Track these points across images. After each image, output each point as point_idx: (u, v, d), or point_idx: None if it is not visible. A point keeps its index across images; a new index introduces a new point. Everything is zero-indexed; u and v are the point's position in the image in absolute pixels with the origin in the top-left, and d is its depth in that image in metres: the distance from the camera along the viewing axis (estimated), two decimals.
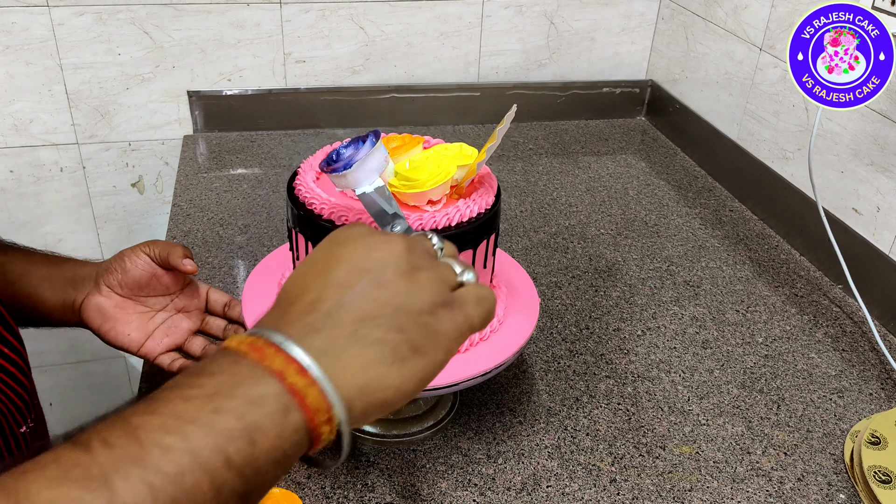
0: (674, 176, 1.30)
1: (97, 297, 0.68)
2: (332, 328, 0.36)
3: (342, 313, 0.36)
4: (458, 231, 0.61)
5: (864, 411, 0.80)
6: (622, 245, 1.08)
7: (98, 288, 0.68)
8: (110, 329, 0.68)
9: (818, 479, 0.71)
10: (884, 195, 0.95)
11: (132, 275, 0.68)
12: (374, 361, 0.36)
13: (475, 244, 0.64)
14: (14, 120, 1.24)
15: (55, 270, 0.69)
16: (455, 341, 0.40)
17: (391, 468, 0.70)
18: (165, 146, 1.34)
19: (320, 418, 0.34)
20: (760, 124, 1.18)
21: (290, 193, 0.65)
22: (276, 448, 0.33)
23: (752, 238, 1.12)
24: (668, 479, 0.70)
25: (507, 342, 0.68)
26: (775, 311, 0.95)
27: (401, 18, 1.34)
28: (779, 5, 1.11)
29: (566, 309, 0.93)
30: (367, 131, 0.57)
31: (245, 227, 1.07)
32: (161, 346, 0.69)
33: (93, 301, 0.68)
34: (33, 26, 1.18)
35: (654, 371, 0.84)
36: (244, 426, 0.32)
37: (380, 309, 0.37)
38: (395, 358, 0.36)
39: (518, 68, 1.45)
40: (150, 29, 1.24)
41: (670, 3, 1.41)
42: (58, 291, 0.68)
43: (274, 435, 0.33)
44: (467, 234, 0.62)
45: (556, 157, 1.34)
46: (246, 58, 1.31)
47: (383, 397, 0.36)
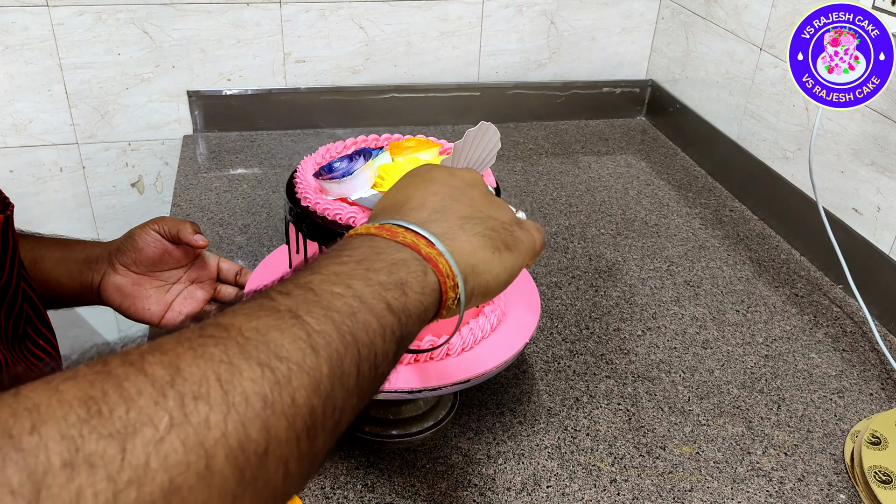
0: (674, 176, 1.30)
1: (114, 277, 0.70)
2: (443, 221, 0.43)
3: (448, 212, 0.44)
4: None
5: (865, 411, 0.80)
6: (622, 245, 1.08)
7: (113, 267, 0.71)
8: (130, 305, 0.71)
9: (818, 480, 0.71)
10: (884, 195, 0.95)
11: (145, 252, 0.70)
12: (480, 247, 0.43)
13: None
14: (14, 120, 1.24)
15: (68, 254, 0.71)
16: (529, 252, 0.47)
17: (391, 468, 0.69)
18: (165, 146, 1.34)
19: (448, 283, 0.40)
20: (760, 124, 1.18)
21: (289, 192, 0.65)
22: (420, 303, 0.38)
23: (752, 238, 1.12)
24: (668, 480, 0.70)
25: (508, 342, 0.68)
26: (775, 311, 0.95)
27: (401, 18, 1.34)
28: (779, 5, 1.11)
29: (566, 309, 0.93)
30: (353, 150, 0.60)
31: (245, 227, 1.07)
32: (181, 317, 0.71)
33: (110, 280, 0.70)
34: (33, 26, 1.18)
35: (654, 371, 0.84)
36: (395, 280, 0.37)
37: (476, 213, 0.44)
38: (494, 248, 0.43)
39: (518, 68, 1.45)
40: (149, 29, 1.24)
41: (670, 2, 1.41)
42: (74, 274, 0.71)
43: (419, 290, 0.38)
44: None
45: (556, 157, 1.34)
46: (246, 58, 1.31)
47: (486, 281, 0.43)
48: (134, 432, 0.25)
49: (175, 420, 0.26)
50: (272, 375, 0.29)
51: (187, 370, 0.27)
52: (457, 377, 0.64)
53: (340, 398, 0.32)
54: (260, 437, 0.28)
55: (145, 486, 0.24)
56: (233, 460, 0.26)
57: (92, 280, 0.71)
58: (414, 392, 0.63)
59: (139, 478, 0.24)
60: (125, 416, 0.25)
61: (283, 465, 0.29)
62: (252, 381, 0.28)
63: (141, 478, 0.24)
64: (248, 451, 0.27)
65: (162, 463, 0.25)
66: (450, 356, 0.66)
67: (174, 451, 0.25)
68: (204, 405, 0.26)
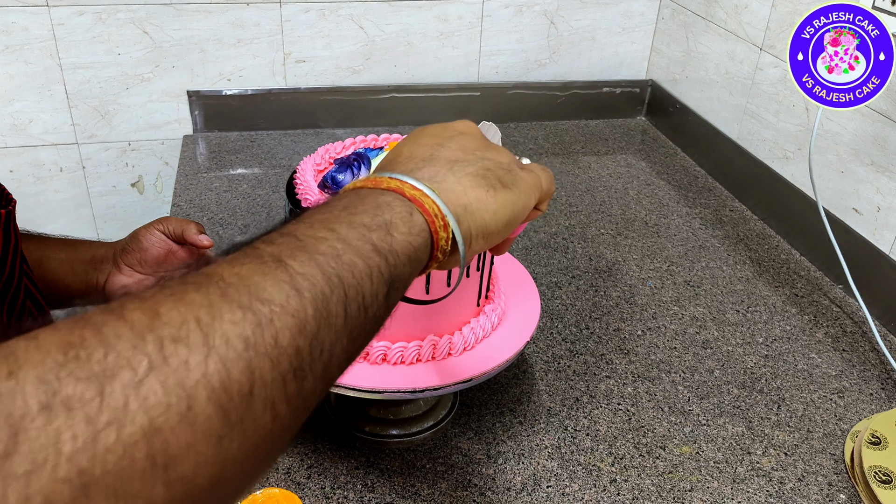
0: (674, 176, 1.30)
1: (119, 277, 0.70)
2: (430, 167, 0.42)
3: (437, 158, 0.43)
4: None
5: (865, 411, 0.80)
6: (622, 245, 1.08)
7: (118, 268, 0.71)
8: None
9: (818, 480, 0.71)
10: (884, 195, 0.95)
11: (150, 253, 0.70)
12: (471, 187, 0.42)
13: None
14: (14, 120, 1.24)
15: (73, 254, 0.72)
16: (532, 189, 0.46)
17: (391, 468, 0.69)
18: (165, 146, 1.34)
19: (438, 223, 0.39)
20: (760, 124, 1.18)
21: (289, 193, 0.65)
22: (409, 243, 0.38)
23: (752, 238, 1.12)
24: (668, 480, 0.70)
25: (508, 342, 0.68)
26: (775, 311, 0.95)
27: (401, 18, 1.34)
28: (779, 5, 1.11)
29: (566, 309, 0.93)
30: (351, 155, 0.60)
31: (245, 227, 1.07)
32: None
33: (116, 281, 0.70)
34: (33, 26, 1.18)
35: (654, 371, 0.84)
36: (380, 222, 0.37)
37: (468, 155, 0.44)
38: (489, 186, 0.43)
39: (518, 68, 1.45)
40: (149, 29, 1.24)
41: (670, 2, 1.41)
42: (79, 274, 0.71)
43: (405, 230, 0.38)
44: None
45: (556, 157, 1.34)
46: (246, 58, 1.31)
47: (483, 220, 0.42)
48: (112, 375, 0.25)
49: (154, 363, 0.26)
50: (254, 317, 0.29)
51: (167, 314, 0.27)
52: (457, 377, 0.64)
53: (328, 339, 0.32)
54: (243, 377, 0.28)
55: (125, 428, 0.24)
56: (215, 401, 0.27)
57: (97, 280, 0.71)
58: (414, 392, 0.63)
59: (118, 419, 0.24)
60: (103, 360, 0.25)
61: (271, 406, 0.29)
62: (233, 324, 0.28)
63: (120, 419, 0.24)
64: (231, 392, 0.27)
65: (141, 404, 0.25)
66: (452, 355, 0.66)
67: (153, 392, 0.25)
68: (183, 347, 0.27)
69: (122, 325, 0.26)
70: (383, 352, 0.64)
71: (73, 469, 0.23)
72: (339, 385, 0.63)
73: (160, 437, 0.25)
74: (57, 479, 0.23)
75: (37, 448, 0.23)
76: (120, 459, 0.24)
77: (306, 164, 0.68)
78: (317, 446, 0.71)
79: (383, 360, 0.65)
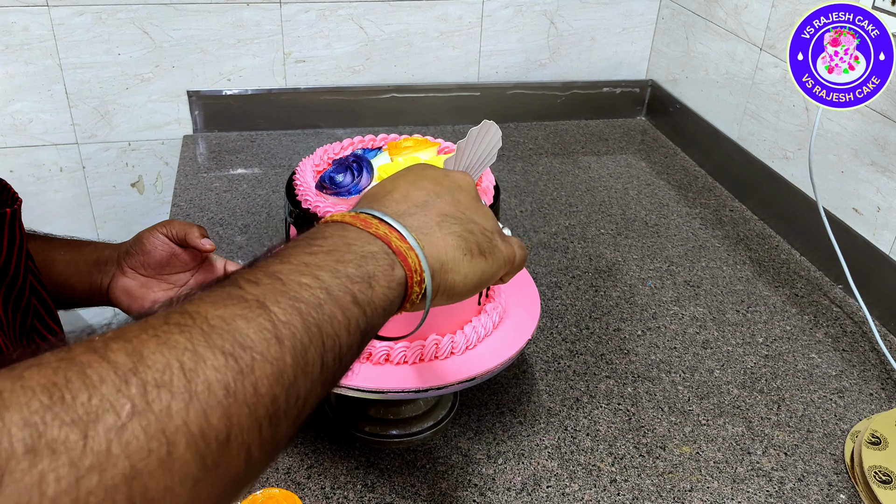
0: (674, 176, 1.30)
1: (123, 279, 0.71)
2: (422, 215, 0.43)
3: (430, 207, 0.44)
4: None
5: (865, 411, 0.80)
6: (622, 245, 1.08)
7: (122, 270, 0.71)
8: (139, 308, 0.71)
9: (818, 480, 0.71)
10: (884, 195, 0.95)
11: (153, 256, 0.71)
12: (452, 247, 0.43)
13: None
14: (14, 120, 1.24)
15: (78, 255, 0.72)
16: (505, 263, 0.47)
17: (391, 468, 0.69)
18: (165, 146, 1.34)
19: (415, 278, 0.40)
20: (760, 124, 1.18)
21: (289, 194, 0.65)
22: (386, 296, 0.39)
23: (752, 238, 1.12)
24: (668, 480, 0.70)
25: (508, 342, 0.68)
26: (775, 311, 0.95)
27: (401, 18, 1.34)
28: (779, 5, 1.11)
29: (566, 309, 0.93)
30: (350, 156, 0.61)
31: (245, 227, 1.07)
32: None
33: (119, 283, 0.71)
34: (33, 26, 1.18)
35: (654, 371, 0.84)
36: (363, 273, 0.38)
37: (458, 213, 0.45)
38: (468, 251, 0.44)
39: (518, 68, 1.45)
40: (149, 29, 1.24)
41: (670, 3, 1.41)
42: (83, 276, 0.71)
43: (385, 284, 0.39)
44: None
45: (556, 157, 1.34)
46: (246, 58, 1.31)
47: (453, 280, 0.43)
48: (96, 419, 0.25)
49: (137, 407, 0.26)
50: (235, 364, 0.29)
51: (150, 357, 0.28)
52: (457, 377, 0.64)
53: (304, 388, 0.32)
54: (221, 424, 0.28)
55: (107, 472, 0.25)
56: (194, 447, 0.27)
57: (101, 282, 0.72)
58: (414, 392, 0.63)
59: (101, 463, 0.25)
60: (87, 403, 0.25)
61: (246, 451, 0.29)
62: (215, 370, 0.29)
63: (103, 463, 0.25)
64: (209, 439, 0.28)
65: (123, 449, 0.25)
66: (454, 355, 0.66)
67: (136, 437, 0.26)
68: (166, 393, 0.27)
69: (105, 367, 0.27)
70: (385, 352, 0.64)
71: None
72: (340, 385, 0.63)
73: (140, 482, 0.25)
74: None
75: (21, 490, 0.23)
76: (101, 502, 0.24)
77: (306, 165, 0.68)
78: (317, 446, 0.71)
79: (385, 361, 0.65)
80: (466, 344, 0.66)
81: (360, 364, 0.65)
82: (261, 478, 0.67)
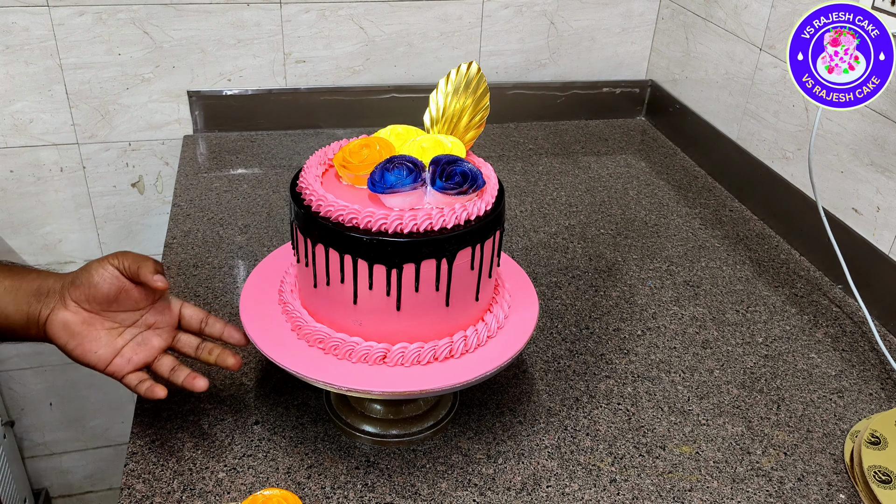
0: (674, 176, 1.30)
1: (63, 313, 0.64)
2: None
3: None
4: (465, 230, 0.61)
5: (864, 411, 0.80)
6: (622, 245, 1.08)
7: (64, 302, 0.64)
8: (76, 346, 0.65)
9: (818, 480, 0.71)
10: (884, 195, 0.95)
11: (100, 289, 0.64)
12: None
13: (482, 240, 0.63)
14: (14, 120, 1.24)
15: (19, 282, 0.65)
16: None
17: (391, 468, 0.70)
18: (165, 146, 1.34)
19: None
20: (760, 124, 1.18)
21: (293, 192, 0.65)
22: None
23: (752, 238, 1.12)
24: (668, 479, 0.70)
25: (508, 342, 0.68)
26: (775, 311, 0.95)
27: (401, 18, 1.34)
28: (779, 5, 1.11)
29: (566, 309, 0.93)
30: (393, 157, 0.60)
31: (245, 227, 1.07)
32: (129, 366, 0.66)
33: (58, 316, 0.64)
34: (33, 26, 1.18)
35: (654, 371, 0.84)
36: None
37: None
38: None
39: (518, 68, 1.45)
40: (150, 29, 1.24)
41: (670, 3, 1.41)
42: (21, 304, 0.65)
43: None
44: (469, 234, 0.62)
45: (556, 157, 1.34)
46: (246, 58, 1.31)
47: None
48: None
49: None
50: None
51: None
52: (457, 377, 0.64)
53: None
54: None
55: None
56: None
57: (39, 313, 0.65)
58: (414, 392, 0.63)
59: None
60: None
61: None
62: None
63: None
64: None
65: None
66: (453, 357, 0.66)
67: None
68: None
69: None
70: (383, 353, 0.64)
71: None
72: (340, 385, 0.63)
73: None
74: None
75: None
76: None
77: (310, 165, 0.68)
78: (317, 446, 0.71)
79: (382, 361, 0.65)
80: (465, 348, 0.66)
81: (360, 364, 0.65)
82: (261, 478, 0.67)
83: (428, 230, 0.60)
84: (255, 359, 0.82)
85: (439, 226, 0.61)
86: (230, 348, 0.72)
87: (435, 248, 0.61)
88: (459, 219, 0.61)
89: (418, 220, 0.60)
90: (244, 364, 0.80)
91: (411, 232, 0.60)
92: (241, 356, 0.82)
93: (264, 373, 0.80)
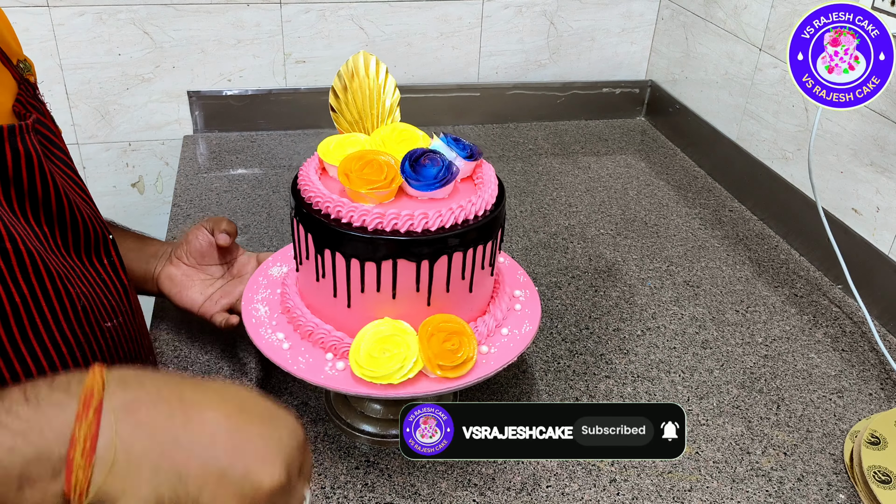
0: (674, 176, 1.30)
1: (169, 268, 0.80)
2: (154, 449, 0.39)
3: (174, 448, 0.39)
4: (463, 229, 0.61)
5: (864, 411, 0.80)
6: (622, 245, 1.08)
7: (170, 260, 0.80)
8: (178, 293, 0.79)
9: (818, 479, 0.71)
10: (883, 195, 0.95)
11: (194, 246, 0.79)
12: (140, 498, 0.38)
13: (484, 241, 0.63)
14: None
15: (142, 245, 0.82)
16: None
17: (391, 468, 0.70)
18: (165, 146, 1.34)
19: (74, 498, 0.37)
20: (760, 124, 1.18)
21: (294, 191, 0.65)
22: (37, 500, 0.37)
23: (751, 238, 1.12)
24: (667, 479, 0.70)
25: (508, 343, 0.68)
26: (775, 311, 0.95)
27: (401, 18, 1.34)
28: (779, 5, 1.11)
29: (566, 309, 0.93)
30: None
31: (245, 227, 1.07)
32: (217, 307, 0.78)
33: (166, 271, 0.80)
34: (33, 26, 1.18)
35: (653, 371, 0.84)
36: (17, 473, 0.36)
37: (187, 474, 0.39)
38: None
39: (518, 68, 1.45)
40: (150, 29, 1.24)
41: (670, 3, 1.42)
42: (142, 263, 0.81)
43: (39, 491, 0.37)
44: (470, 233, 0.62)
45: (556, 157, 1.34)
46: (246, 58, 1.31)
47: None
48: None
49: None
50: None
51: None
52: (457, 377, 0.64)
53: None
54: None
55: None
56: None
57: (155, 269, 0.80)
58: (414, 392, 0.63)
59: None
60: None
61: None
62: None
63: None
64: None
65: None
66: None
67: None
68: None
69: None
70: None
71: None
72: (340, 385, 0.63)
73: None
74: None
75: None
76: None
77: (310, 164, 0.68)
78: (317, 446, 0.71)
79: None
80: None
81: None
82: None
83: (426, 230, 0.60)
84: (256, 359, 0.82)
85: (436, 226, 0.60)
86: None
87: (434, 249, 0.61)
88: (458, 219, 0.61)
89: (415, 220, 0.60)
90: (244, 364, 0.81)
91: (410, 231, 0.60)
92: (242, 356, 0.81)
93: (264, 373, 0.80)
